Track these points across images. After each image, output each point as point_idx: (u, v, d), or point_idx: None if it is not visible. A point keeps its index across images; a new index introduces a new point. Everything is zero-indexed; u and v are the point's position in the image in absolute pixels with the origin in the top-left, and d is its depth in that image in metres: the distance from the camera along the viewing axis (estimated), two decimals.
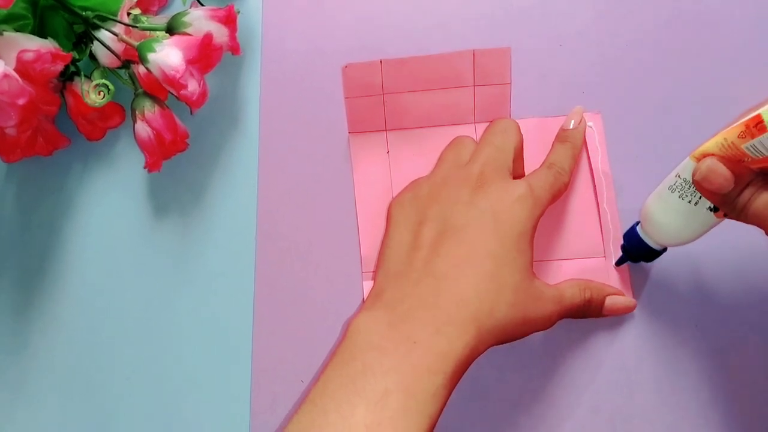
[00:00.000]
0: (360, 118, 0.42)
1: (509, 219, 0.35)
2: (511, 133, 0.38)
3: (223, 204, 0.42)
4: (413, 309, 0.33)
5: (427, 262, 0.34)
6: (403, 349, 0.31)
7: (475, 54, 0.41)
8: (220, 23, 0.38)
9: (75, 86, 0.40)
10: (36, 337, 0.41)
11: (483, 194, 0.36)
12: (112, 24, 0.38)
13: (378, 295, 0.35)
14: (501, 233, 0.34)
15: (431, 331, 0.32)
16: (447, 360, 0.31)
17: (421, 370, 0.30)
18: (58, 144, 0.42)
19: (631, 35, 0.42)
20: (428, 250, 0.35)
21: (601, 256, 0.40)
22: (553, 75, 0.42)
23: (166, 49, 0.36)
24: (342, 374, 0.31)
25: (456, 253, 0.34)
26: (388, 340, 0.32)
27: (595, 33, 0.42)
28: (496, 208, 0.35)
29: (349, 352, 0.32)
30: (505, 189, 0.36)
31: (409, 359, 0.31)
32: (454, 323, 0.32)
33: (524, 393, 0.38)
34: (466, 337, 0.32)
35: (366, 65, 0.40)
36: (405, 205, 0.38)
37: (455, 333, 0.32)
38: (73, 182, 0.43)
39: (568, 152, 0.40)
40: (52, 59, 0.35)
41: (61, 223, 0.42)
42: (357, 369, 0.31)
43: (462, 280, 0.33)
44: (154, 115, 0.38)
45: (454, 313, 0.32)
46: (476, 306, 0.32)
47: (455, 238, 0.34)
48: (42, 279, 0.42)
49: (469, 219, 0.35)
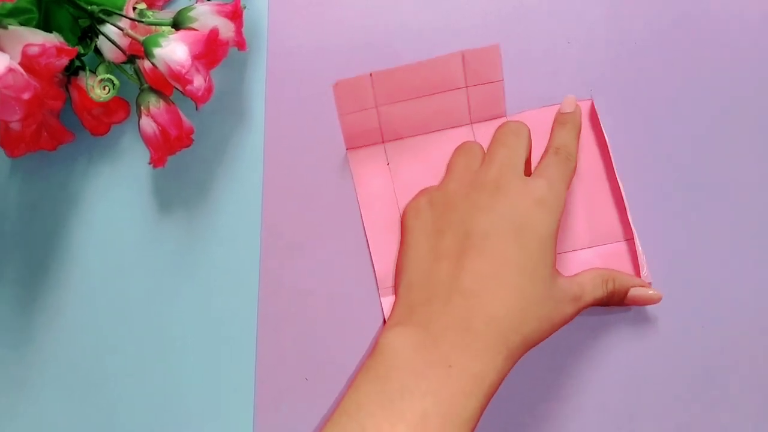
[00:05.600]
0: (356, 133, 0.41)
1: (531, 223, 0.34)
2: (521, 134, 0.38)
3: (228, 200, 0.42)
4: (445, 329, 0.32)
5: (454, 278, 0.34)
6: (439, 373, 0.31)
7: (464, 55, 0.40)
8: (226, 18, 0.38)
9: (80, 81, 0.39)
10: (39, 332, 0.41)
11: (502, 198, 0.35)
12: (117, 18, 0.38)
13: (407, 311, 0.35)
14: (524, 240, 0.34)
15: (465, 354, 0.32)
16: (482, 383, 0.31)
17: (457, 394, 0.31)
18: (62, 139, 0.41)
19: (640, 33, 0.42)
20: (452, 262, 0.34)
21: (621, 239, 0.40)
22: (562, 73, 0.42)
23: (171, 44, 0.36)
24: (379, 391, 0.31)
25: (481, 266, 0.33)
26: (424, 362, 0.32)
27: (604, 31, 0.42)
28: (517, 213, 0.34)
29: (384, 370, 0.32)
30: (524, 191, 0.35)
31: (446, 383, 0.31)
32: (486, 345, 0.32)
33: (529, 392, 0.38)
34: (499, 358, 0.32)
35: (356, 80, 0.40)
36: (421, 212, 0.37)
37: (488, 355, 0.32)
38: (78, 177, 0.43)
39: (571, 134, 0.39)
40: (57, 54, 0.35)
41: (65, 219, 0.42)
42: (394, 389, 0.31)
43: (490, 298, 0.33)
44: (160, 110, 0.38)
45: (484, 333, 0.32)
46: (506, 325, 0.32)
47: (477, 249, 0.34)
48: (45, 274, 0.42)
49: (490, 226, 0.34)
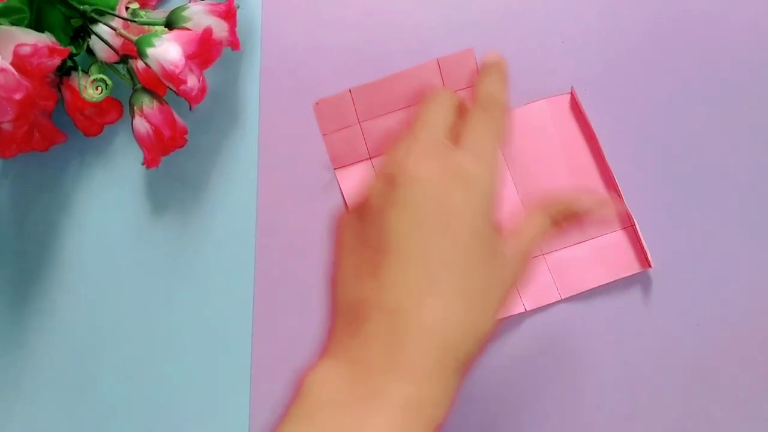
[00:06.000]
0: (342, 152, 0.41)
1: (459, 211, 0.28)
2: (440, 104, 0.31)
3: (222, 201, 0.41)
4: (374, 355, 0.27)
5: (376, 293, 0.28)
6: (367, 404, 0.26)
7: (439, 62, 0.41)
8: (219, 18, 0.38)
9: (72, 81, 0.39)
10: (33, 336, 0.40)
11: (420, 188, 0.28)
12: (110, 18, 0.38)
13: (334, 343, 0.29)
14: (453, 232, 0.28)
15: (397, 378, 0.26)
16: (420, 409, 0.26)
17: (391, 425, 0.26)
18: (54, 139, 0.41)
19: (634, 33, 0.42)
20: (372, 276, 0.28)
21: (618, 228, 0.40)
22: (556, 71, 0.42)
23: (165, 44, 0.35)
24: (296, 429, 0.26)
25: (403, 276, 0.28)
26: (350, 394, 0.27)
27: (598, 30, 0.42)
28: (440, 203, 0.28)
29: (304, 410, 0.27)
30: (444, 175, 0.28)
31: (375, 416, 0.26)
32: (423, 364, 0.27)
33: (525, 392, 0.38)
34: (443, 374, 0.27)
35: (336, 98, 0.40)
36: (347, 223, 0.32)
37: (423, 375, 0.27)
38: (70, 178, 0.42)
39: (497, 81, 0.32)
40: (49, 53, 0.35)
41: (57, 220, 0.42)
42: (316, 428, 0.26)
43: (425, 311, 0.27)
44: (153, 110, 0.38)
45: (418, 352, 0.27)
46: (445, 334, 0.27)
47: (396, 255, 0.28)
48: (39, 276, 0.41)
49: (409, 225, 0.28)
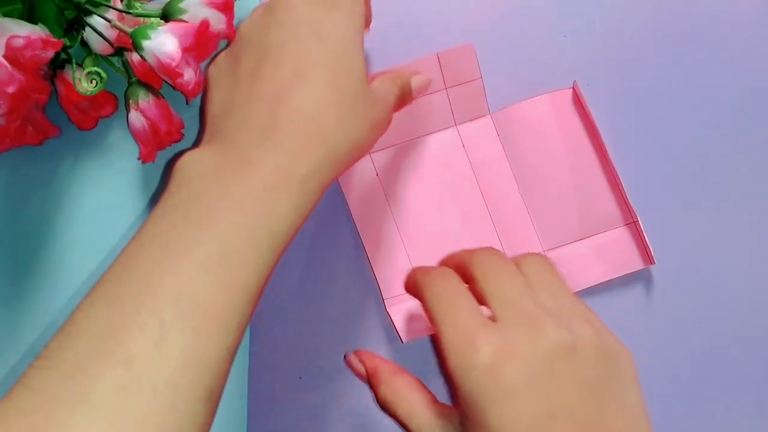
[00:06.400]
0: None
1: (328, 26, 0.32)
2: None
3: None
4: (246, 134, 0.30)
5: (250, 90, 0.31)
6: (235, 171, 0.29)
7: (439, 57, 0.40)
8: (217, 10, 0.37)
9: (66, 74, 0.38)
10: (26, 333, 0.40)
11: (292, 12, 0.32)
12: (104, 10, 0.37)
13: (207, 137, 0.32)
14: (325, 42, 0.31)
15: (268, 148, 0.29)
16: (289, 176, 0.28)
17: (258, 188, 0.28)
18: (48, 133, 0.40)
19: (637, 27, 0.42)
20: (248, 78, 0.31)
21: (621, 225, 0.39)
22: (558, 66, 0.42)
23: (161, 37, 0.35)
24: (165, 207, 0.29)
25: (281, 70, 0.31)
26: (221, 167, 0.29)
27: (600, 25, 0.42)
28: (311, 20, 0.32)
29: (175, 186, 0.29)
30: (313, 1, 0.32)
31: (241, 179, 0.28)
32: (294, 138, 0.29)
33: None
34: (313, 152, 0.29)
35: None
36: (220, 61, 0.35)
37: (297, 147, 0.29)
38: (65, 173, 0.42)
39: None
40: (43, 46, 0.34)
41: (51, 215, 0.41)
42: (181, 198, 0.28)
43: (297, 96, 0.30)
44: (149, 104, 0.37)
45: (293, 129, 0.29)
46: (320, 119, 0.30)
47: (275, 57, 0.31)
48: (32, 272, 0.41)
49: (286, 36, 0.32)
